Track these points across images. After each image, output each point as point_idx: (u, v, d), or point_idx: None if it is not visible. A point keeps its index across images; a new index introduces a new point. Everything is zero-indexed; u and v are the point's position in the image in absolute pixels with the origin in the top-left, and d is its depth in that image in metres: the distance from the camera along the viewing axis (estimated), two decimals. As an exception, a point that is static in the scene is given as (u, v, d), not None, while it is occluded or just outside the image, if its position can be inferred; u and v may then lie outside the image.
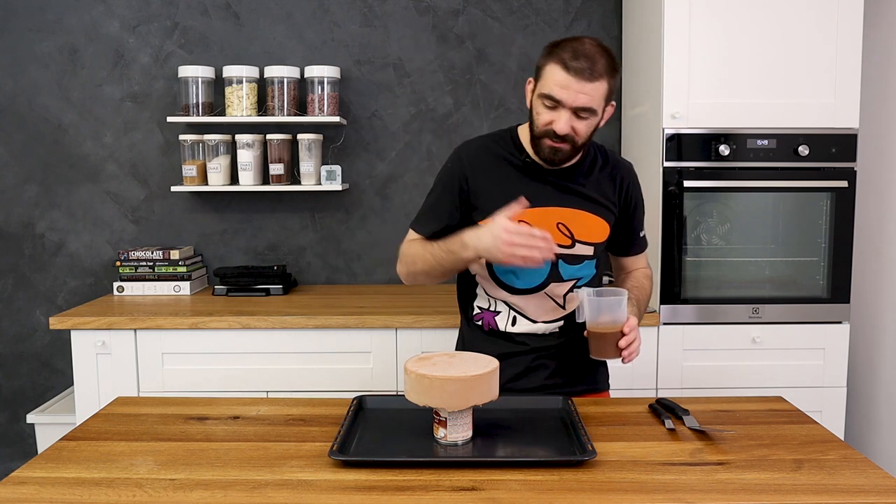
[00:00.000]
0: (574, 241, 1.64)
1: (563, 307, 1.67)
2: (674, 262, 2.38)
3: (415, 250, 1.65)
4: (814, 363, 2.41)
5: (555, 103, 1.51)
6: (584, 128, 1.54)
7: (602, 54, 1.50)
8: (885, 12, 2.50)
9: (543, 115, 1.54)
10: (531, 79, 1.61)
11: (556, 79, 1.50)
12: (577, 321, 1.58)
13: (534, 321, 1.67)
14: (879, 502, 1.11)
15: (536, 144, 1.58)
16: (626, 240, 1.75)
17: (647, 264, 1.84)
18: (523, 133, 1.66)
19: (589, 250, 1.66)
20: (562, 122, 1.51)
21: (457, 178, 1.64)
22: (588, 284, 1.68)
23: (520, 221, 1.56)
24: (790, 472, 1.22)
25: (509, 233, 1.43)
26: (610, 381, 1.81)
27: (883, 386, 2.54)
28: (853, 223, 2.40)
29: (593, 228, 1.66)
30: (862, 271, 2.58)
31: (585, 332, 1.54)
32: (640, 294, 1.72)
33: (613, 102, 1.58)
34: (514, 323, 1.67)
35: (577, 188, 1.64)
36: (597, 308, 1.51)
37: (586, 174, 1.66)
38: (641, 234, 1.78)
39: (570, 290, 1.66)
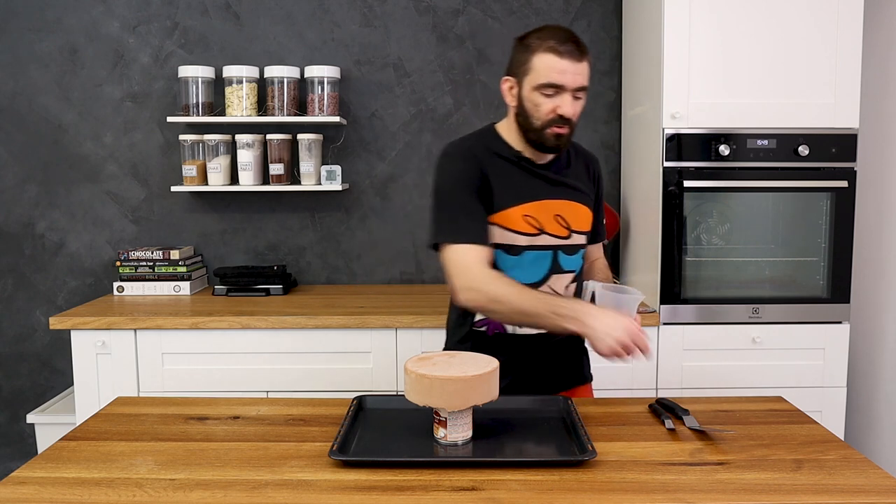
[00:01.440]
0: (571, 232, 1.67)
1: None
2: (674, 262, 2.38)
3: (506, 289, 1.52)
4: (814, 363, 2.41)
5: (556, 89, 1.54)
6: (579, 108, 1.59)
7: (575, 35, 1.57)
8: (885, 12, 2.50)
9: (545, 105, 1.56)
10: (507, 77, 1.62)
11: (553, 66, 1.53)
12: None
13: None
14: (879, 502, 1.11)
15: (539, 136, 1.59)
16: (594, 229, 1.78)
17: (602, 254, 1.89)
18: (503, 131, 1.67)
19: (582, 239, 1.70)
20: (567, 105, 1.55)
21: (476, 175, 1.60)
22: (578, 276, 1.71)
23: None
24: (790, 472, 1.22)
25: (633, 335, 1.43)
26: (600, 377, 1.84)
27: (883, 386, 2.54)
28: (853, 223, 2.40)
29: (582, 218, 1.70)
30: (862, 271, 2.58)
31: None
32: (608, 280, 1.78)
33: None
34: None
35: (565, 180, 1.67)
36: (612, 304, 1.51)
37: (567, 165, 1.70)
38: (603, 222, 1.84)
39: (571, 282, 1.68)
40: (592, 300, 1.56)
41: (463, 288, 1.55)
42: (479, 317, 1.68)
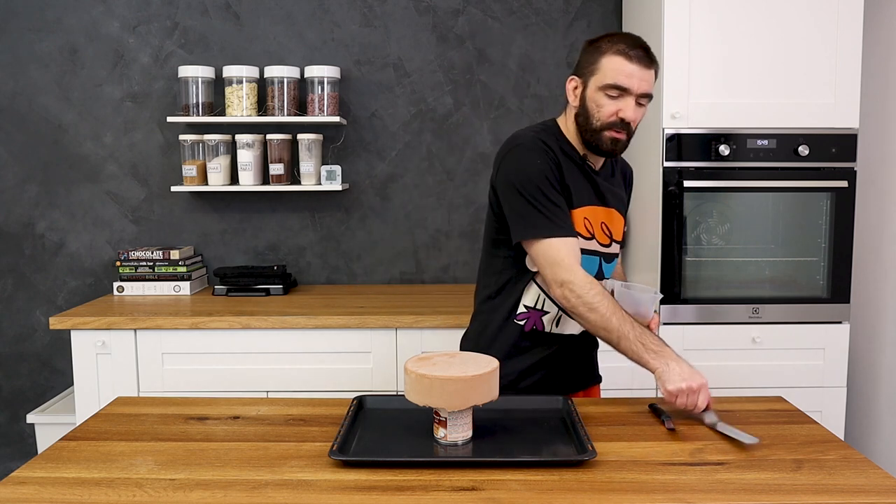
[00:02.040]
0: (611, 241, 1.69)
1: None
2: (674, 262, 2.38)
3: (602, 302, 1.50)
4: (814, 363, 2.41)
5: (620, 92, 1.55)
6: (640, 116, 1.59)
7: (646, 44, 1.58)
8: (885, 12, 2.50)
9: (607, 107, 1.56)
10: (574, 77, 1.62)
11: (620, 69, 1.54)
12: None
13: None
14: (879, 502, 1.11)
15: (597, 138, 1.59)
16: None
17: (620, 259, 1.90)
18: (566, 130, 1.66)
19: (618, 248, 1.73)
20: (629, 109, 1.55)
21: (555, 170, 1.58)
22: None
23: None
24: (790, 472, 1.22)
25: (697, 394, 1.44)
26: (607, 378, 1.85)
27: (883, 386, 2.54)
28: (853, 223, 2.40)
29: (619, 227, 1.72)
30: (862, 271, 2.58)
31: None
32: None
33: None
34: (558, 323, 1.67)
35: (611, 187, 1.69)
36: (625, 302, 1.53)
37: (612, 174, 1.72)
38: (625, 230, 1.87)
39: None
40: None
41: (559, 282, 1.53)
42: (521, 310, 1.66)
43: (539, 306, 1.66)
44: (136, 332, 2.36)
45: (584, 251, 1.61)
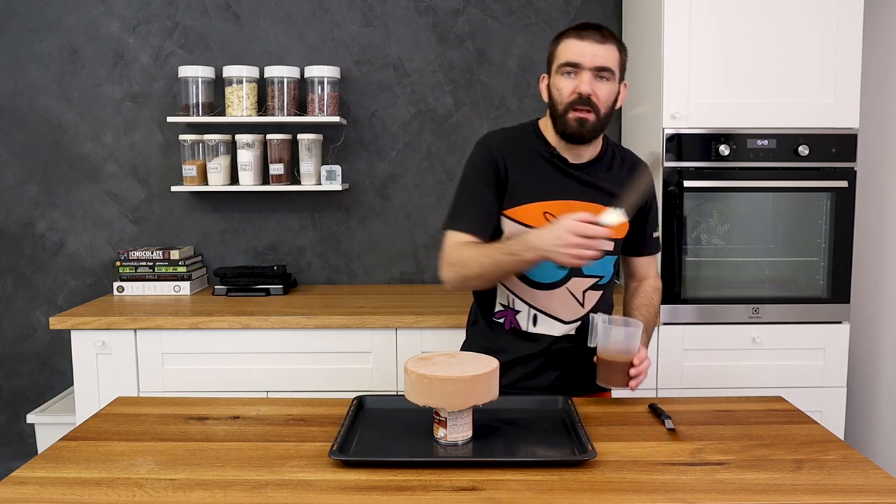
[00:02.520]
0: None
1: (583, 305, 1.67)
2: (674, 262, 2.38)
3: (468, 253, 1.58)
4: (814, 363, 2.41)
5: (574, 68, 1.56)
6: (604, 93, 1.58)
7: (603, 26, 1.60)
8: (885, 12, 2.50)
9: (565, 86, 1.58)
10: (544, 74, 1.66)
11: (571, 48, 1.57)
12: (589, 345, 1.58)
13: (557, 319, 1.66)
14: (879, 502, 1.11)
15: (564, 122, 1.59)
16: (637, 239, 1.76)
17: (656, 274, 1.85)
18: (544, 127, 1.68)
19: (609, 246, 1.66)
20: (584, 83, 1.56)
21: (491, 167, 1.63)
22: (607, 284, 1.70)
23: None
24: (790, 472, 1.22)
25: (576, 234, 1.41)
26: None
27: (883, 386, 2.54)
28: (853, 223, 2.40)
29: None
30: (862, 271, 2.58)
31: (595, 358, 1.55)
32: (650, 313, 1.74)
33: (626, 82, 1.65)
34: (535, 322, 1.67)
35: (600, 183, 1.66)
36: (610, 337, 1.50)
37: (607, 170, 1.69)
38: (654, 235, 1.79)
39: (590, 287, 1.67)
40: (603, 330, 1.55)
41: (441, 268, 1.62)
42: (497, 308, 1.69)
43: (510, 305, 1.68)
44: (136, 332, 2.36)
45: None
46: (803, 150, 2.34)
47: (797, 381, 2.40)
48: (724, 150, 2.33)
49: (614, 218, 1.45)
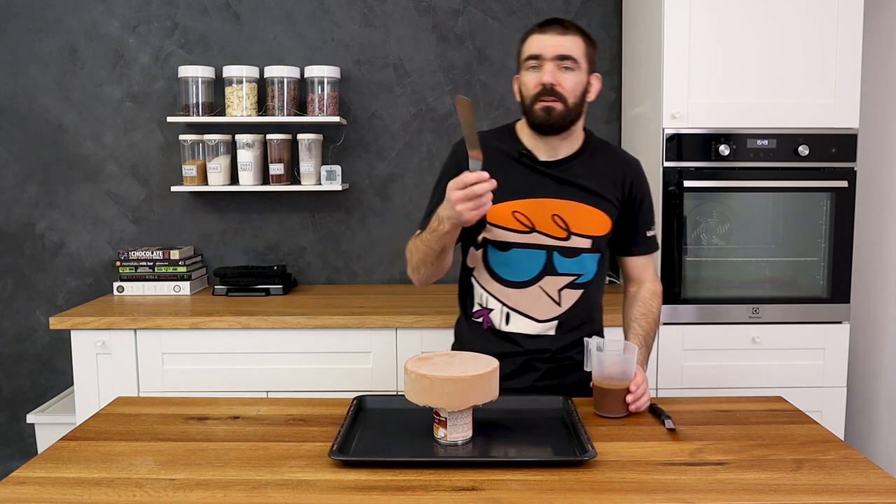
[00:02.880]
0: (570, 234, 1.63)
1: (559, 304, 1.66)
2: (674, 262, 2.38)
3: (409, 246, 1.70)
4: (814, 363, 2.41)
5: (536, 59, 1.59)
6: (569, 82, 1.58)
7: (571, 21, 1.62)
8: (885, 12, 2.50)
9: (530, 80, 1.61)
10: (516, 76, 1.68)
11: (533, 42, 1.60)
12: (585, 370, 1.56)
13: (530, 318, 1.66)
14: (879, 502, 1.11)
15: (532, 115, 1.61)
16: (627, 238, 1.74)
17: (654, 276, 1.80)
18: (520, 127, 1.70)
19: (586, 243, 1.65)
20: (547, 73, 1.58)
21: (457, 171, 1.60)
22: (589, 283, 1.67)
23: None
24: (790, 472, 1.22)
25: (456, 190, 1.43)
26: None
27: (883, 386, 2.54)
28: (853, 223, 2.40)
29: (591, 221, 1.65)
30: (862, 271, 2.58)
31: (592, 384, 1.52)
32: (648, 323, 1.72)
33: (599, 74, 1.66)
34: (507, 321, 1.67)
35: (576, 180, 1.65)
36: (604, 365, 1.48)
37: (586, 166, 1.67)
38: (649, 234, 1.75)
39: (567, 286, 1.65)
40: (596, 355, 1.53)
41: (407, 270, 1.72)
42: (475, 308, 1.71)
43: (485, 304, 1.70)
44: (136, 332, 2.36)
45: (521, 245, 1.63)
46: (803, 150, 2.34)
47: (797, 381, 2.40)
48: (724, 150, 2.33)
49: (473, 159, 1.44)
